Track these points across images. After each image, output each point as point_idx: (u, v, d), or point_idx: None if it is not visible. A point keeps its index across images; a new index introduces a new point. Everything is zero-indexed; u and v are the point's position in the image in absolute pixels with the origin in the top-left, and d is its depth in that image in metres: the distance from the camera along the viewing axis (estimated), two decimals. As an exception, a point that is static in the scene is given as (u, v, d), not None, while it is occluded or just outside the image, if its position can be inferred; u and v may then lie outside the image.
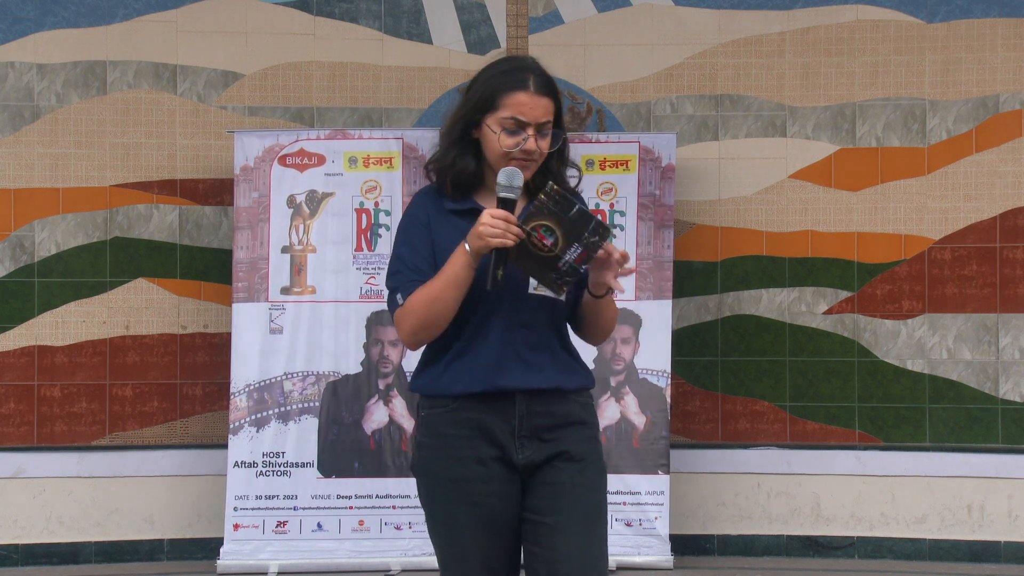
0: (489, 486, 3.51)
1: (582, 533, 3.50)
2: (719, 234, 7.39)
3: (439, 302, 3.46)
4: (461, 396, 3.54)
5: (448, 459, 3.55)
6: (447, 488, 3.55)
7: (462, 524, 3.52)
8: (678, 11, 7.46)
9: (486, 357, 3.50)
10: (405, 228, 3.59)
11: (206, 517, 7.20)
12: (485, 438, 3.51)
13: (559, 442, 3.52)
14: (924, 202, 7.28)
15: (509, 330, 3.50)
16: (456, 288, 3.43)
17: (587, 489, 3.53)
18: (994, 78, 7.23)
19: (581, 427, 3.57)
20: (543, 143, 3.48)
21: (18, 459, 7.16)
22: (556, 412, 3.53)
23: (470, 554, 3.52)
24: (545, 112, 3.47)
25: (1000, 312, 7.18)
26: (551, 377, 3.52)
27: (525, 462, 3.51)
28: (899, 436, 7.27)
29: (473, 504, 3.51)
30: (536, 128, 3.46)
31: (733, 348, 7.38)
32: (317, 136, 7.04)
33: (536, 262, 3.38)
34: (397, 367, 6.94)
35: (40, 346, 7.19)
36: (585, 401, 3.61)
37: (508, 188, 3.40)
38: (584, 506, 3.52)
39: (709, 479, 7.31)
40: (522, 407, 3.51)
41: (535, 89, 3.47)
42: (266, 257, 6.95)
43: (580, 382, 3.58)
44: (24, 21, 7.20)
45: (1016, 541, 7.15)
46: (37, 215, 7.19)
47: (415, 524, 6.84)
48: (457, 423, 3.54)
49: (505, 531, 3.53)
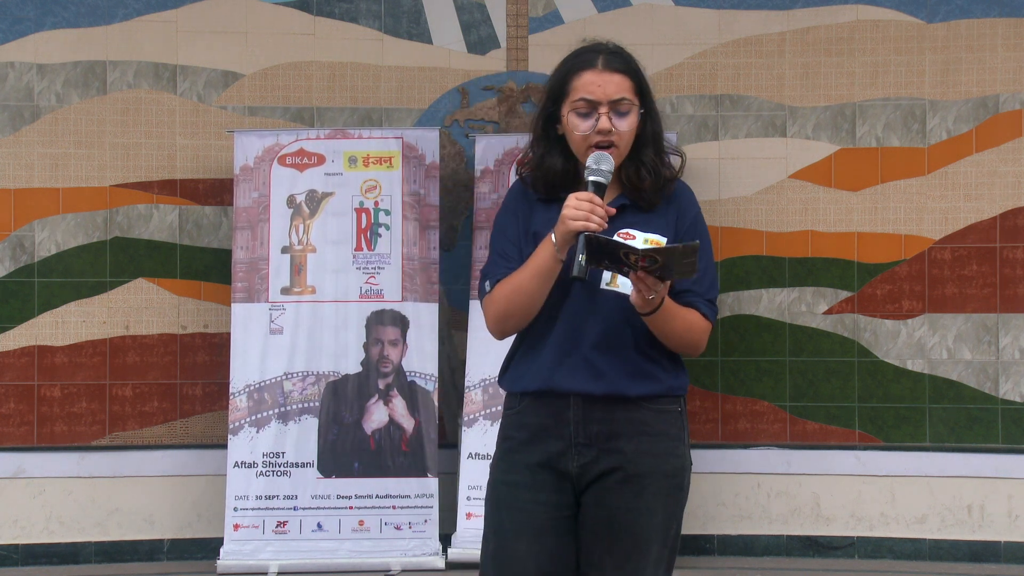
0: (538, 495, 3.35)
1: (624, 563, 3.33)
2: (719, 234, 7.38)
3: (521, 292, 3.29)
4: (524, 395, 3.38)
5: (505, 462, 3.42)
6: (498, 491, 3.42)
7: (505, 531, 3.38)
8: (678, 11, 7.46)
9: (546, 355, 3.33)
10: (498, 218, 3.46)
11: (206, 517, 7.20)
12: (541, 443, 3.36)
13: (621, 455, 3.33)
14: (924, 202, 7.28)
15: (576, 328, 3.32)
16: (539, 278, 3.26)
17: (643, 512, 3.33)
18: (994, 78, 7.22)
19: (649, 439, 3.34)
20: (620, 122, 3.28)
21: (18, 459, 7.16)
22: (619, 419, 3.32)
23: (510, 562, 3.37)
24: (618, 89, 3.28)
25: (1000, 312, 7.18)
26: (612, 382, 3.31)
27: (579, 470, 3.34)
28: (899, 436, 7.27)
29: (519, 511, 3.37)
30: (610, 106, 3.27)
31: (733, 348, 7.38)
32: (317, 136, 7.04)
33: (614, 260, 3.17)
34: (397, 367, 6.94)
35: (40, 346, 7.19)
36: (663, 408, 3.36)
37: (596, 171, 3.23)
38: (634, 533, 3.32)
39: (709, 479, 7.30)
40: (577, 412, 3.33)
41: (603, 66, 3.29)
42: (266, 257, 6.95)
43: (649, 389, 3.34)
44: (24, 21, 7.20)
45: (1016, 541, 7.15)
46: (37, 215, 7.19)
47: (415, 524, 6.85)
48: (519, 426, 3.40)
49: (551, 540, 3.35)
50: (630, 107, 3.30)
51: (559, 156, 3.36)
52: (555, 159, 3.36)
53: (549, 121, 3.36)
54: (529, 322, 3.33)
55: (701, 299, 3.37)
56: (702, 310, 3.37)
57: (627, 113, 3.29)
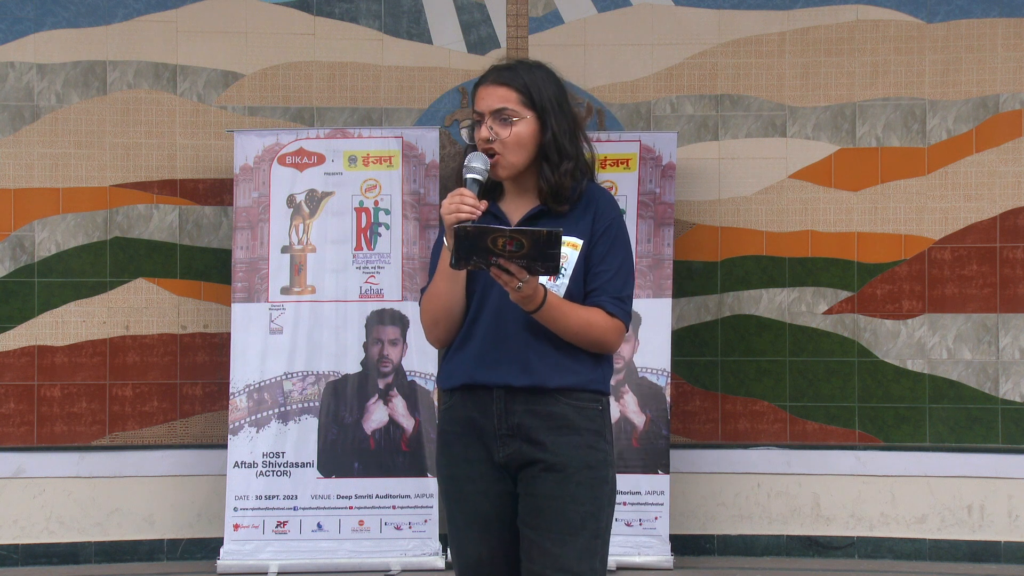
0: (476, 485, 3.52)
1: (556, 549, 3.43)
2: (719, 234, 7.39)
3: (436, 296, 3.51)
4: (453, 391, 3.55)
5: (444, 456, 3.59)
6: (445, 485, 3.60)
7: (457, 521, 3.57)
8: (678, 11, 7.46)
9: (471, 350, 3.50)
10: (436, 240, 3.64)
11: (206, 517, 7.20)
12: (473, 436, 3.51)
13: (542, 447, 3.46)
14: (924, 202, 7.28)
15: (497, 325, 3.48)
16: (445, 280, 3.48)
17: (568, 500, 3.45)
18: (994, 78, 7.23)
19: (568, 432, 3.47)
20: (502, 131, 3.47)
21: (18, 459, 7.16)
22: (539, 412, 3.47)
23: (465, 550, 3.57)
24: (501, 100, 3.48)
25: (1000, 312, 7.18)
26: (532, 374, 3.46)
27: (506, 460, 3.49)
28: (899, 436, 7.27)
29: (464, 502, 3.54)
30: (492, 115, 3.49)
31: (733, 348, 7.38)
32: (317, 135, 7.04)
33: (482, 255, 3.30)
34: (397, 366, 6.94)
35: (40, 346, 7.19)
36: (579, 404, 3.49)
37: (468, 168, 3.45)
38: (563, 520, 3.44)
39: (709, 479, 7.30)
40: (500, 404, 3.48)
41: (491, 80, 3.51)
42: (266, 257, 6.95)
43: (569, 381, 3.48)
44: (24, 21, 7.21)
45: (1016, 541, 7.15)
46: (37, 215, 7.19)
47: (415, 524, 6.85)
48: (453, 420, 3.56)
49: (497, 531, 3.52)
50: (513, 116, 3.48)
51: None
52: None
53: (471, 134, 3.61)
54: (458, 325, 3.51)
55: (608, 297, 3.50)
56: (607, 308, 3.48)
57: (510, 121, 3.49)
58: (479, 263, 3.31)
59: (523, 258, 3.27)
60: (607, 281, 3.50)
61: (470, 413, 3.51)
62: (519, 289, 3.32)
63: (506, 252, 3.27)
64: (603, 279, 3.49)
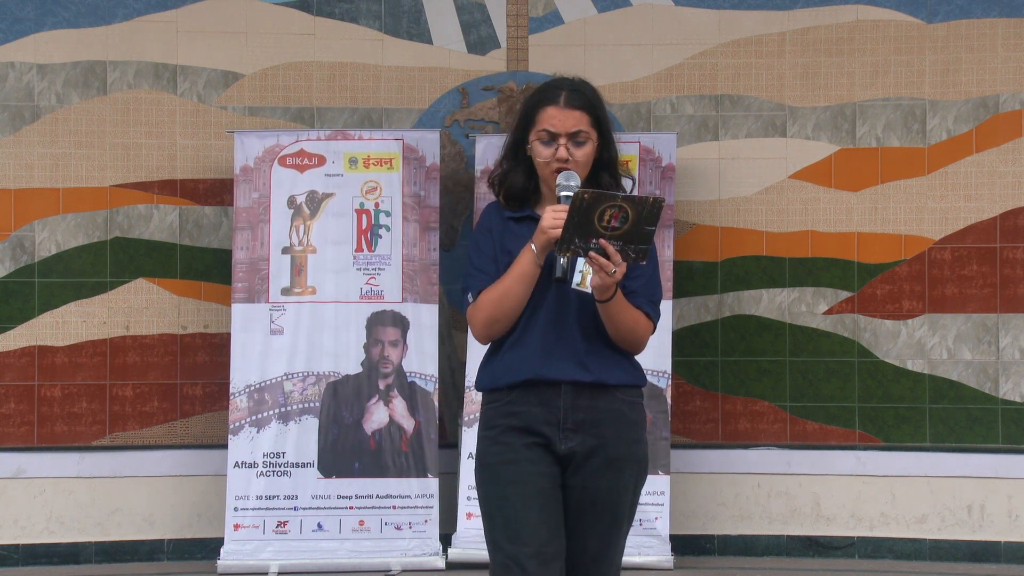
0: (536, 467, 3.68)
1: (606, 537, 3.72)
2: (719, 234, 7.39)
3: (508, 297, 3.70)
4: (512, 387, 3.71)
5: (498, 445, 3.72)
6: (498, 471, 3.71)
7: (514, 504, 3.67)
8: (678, 11, 7.46)
9: (534, 348, 3.70)
10: (474, 236, 3.90)
11: (206, 517, 7.21)
12: (534, 428, 3.69)
13: (602, 440, 3.69)
14: (924, 202, 7.28)
15: (557, 324, 3.69)
16: (523, 283, 3.67)
17: (622, 491, 3.72)
18: (994, 78, 7.23)
19: (625, 426, 3.73)
20: (577, 151, 3.71)
21: (18, 459, 7.17)
22: (600, 407, 3.70)
23: (523, 532, 3.64)
24: (576, 123, 3.71)
25: (1000, 312, 7.19)
26: (596, 371, 3.69)
27: (567, 452, 3.68)
28: (899, 436, 7.28)
29: (524, 483, 3.67)
30: (568, 137, 3.71)
31: (733, 348, 7.39)
32: (317, 137, 7.04)
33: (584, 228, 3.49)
34: (397, 367, 6.94)
35: (40, 346, 7.19)
36: (631, 399, 3.75)
37: (566, 187, 3.64)
38: (616, 510, 3.72)
39: (709, 479, 7.31)
40: (567, 399, 3.68)
41: (564, 103, 3.73)
42: (266, 258, 6.95)
43: (625, 379, 3.73)
44: (24, 21, 7.20)
45: (1016, 541, 7.16)
46: (37, 215, 7.19)
47: (415, 524, 6.86)
48: (508, 415, 3.72)
49: (554, 507, 3.68)
50: (586, 138, 3.74)
51: (522, 174, 3.81)
52: (518, 176, 3.82)
53: (518, 144, 3.83)
54: (512, 325, 3.73)
55: (646, 300, 3.76)
56: (646, 310, 3.75)
57: (583, 143, 3.74)
58: (579, 247, 3.50)
59: (620, 239, 3.50)
60: (643, 285, 3.76)
61: (532, 407, 3.69)
62: (613, 273, 3.54)
63: (609, 230, 3.48)
64: (640, 283, 3.74)
